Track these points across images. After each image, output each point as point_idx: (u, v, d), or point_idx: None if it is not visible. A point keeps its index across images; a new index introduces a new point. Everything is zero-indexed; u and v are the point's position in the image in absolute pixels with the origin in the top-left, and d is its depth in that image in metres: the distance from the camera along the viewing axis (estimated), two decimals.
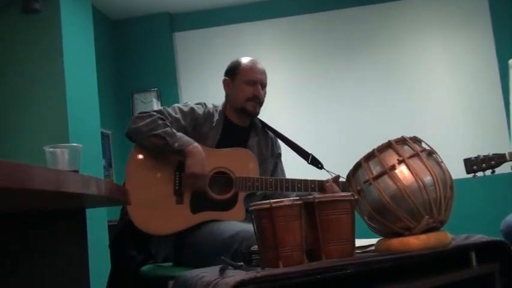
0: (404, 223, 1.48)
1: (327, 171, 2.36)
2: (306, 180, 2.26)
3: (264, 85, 2.40)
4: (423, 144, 1.62)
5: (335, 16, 5.30)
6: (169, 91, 5.27)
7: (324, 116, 5.14)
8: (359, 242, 1.62)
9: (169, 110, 2.30)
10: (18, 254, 1.21)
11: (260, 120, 2.51)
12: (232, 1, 5.37)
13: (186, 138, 2.17)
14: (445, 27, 5.17)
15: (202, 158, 2.15)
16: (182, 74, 5.33)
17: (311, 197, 1.50)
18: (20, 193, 0.82)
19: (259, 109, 2.40)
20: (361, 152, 1.63)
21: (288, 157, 2.57)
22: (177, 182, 2.20)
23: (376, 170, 1.54)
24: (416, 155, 1.53)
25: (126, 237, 2.20)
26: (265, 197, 2.42)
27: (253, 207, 1.49)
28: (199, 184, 2.17)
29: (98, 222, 3.49)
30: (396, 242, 1.49)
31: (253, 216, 1.51)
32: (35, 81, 3.51)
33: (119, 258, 2.30)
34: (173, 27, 5.49)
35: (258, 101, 2.36)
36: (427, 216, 1.47)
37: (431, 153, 1.58)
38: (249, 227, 2.00)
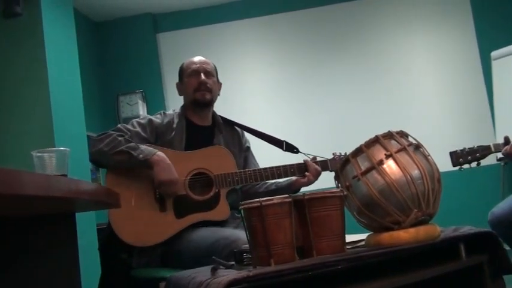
0: (394, 217, 1.50)
1: (304, 154, 2.39)
2: (284, 166, 2.30)
3: (207, 73, 2.38)
4: (410, 138, 1.63)
5: (320, 13, 5.33)
6: (154, 92, 5.26)
7: (311, 112, 5.16)
8: (349, 238, 1.63)
9: (128, 126, 2.29)
10: (8, 260, 1.21)
11: (222, 117, 2.49)
12: (216, 0, 5.36)
13: (149, 149, 2.17)
14: (427, 21, 5.22)
15: (168, 165, 2.14)
16: (167, 74, 5.32)
17: (301, 194, 1.52)
18: (11, 199, 0.82)
19: (210, 96, 2.37)
20: (349, 147, 1.65)
21: (262, 149, 2.58)
22: (157, 190, 2.19)
23: (364, 165, 1.56)
24: (403, 149, 1.55)
25: (116, 240, 2.19)
26: (243, 190, 2.43)
27: (242, 206, 1.50)
28: (172, 190, 2.17)
29: (87, 226, 3.47)
30: (386, 236, 1.51)
31: (243, 215, 1.51)
32: (19, 86, 3.47)
33: (110, 262, 2.29)
34: (156, 28, 5.47)
35: (205, 87, 2.35)
36: (415, 210, 1.48)
37: (418, 146, 1.59)
38: (230, 233, 2.01)
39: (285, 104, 5.20)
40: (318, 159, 2.36)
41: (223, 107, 2.59)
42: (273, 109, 5.15)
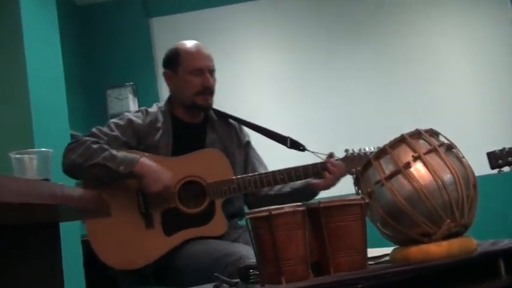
0: (423, 228, 1.49)
1: (312, 152, 2.33)
2: (288, 170, 2.24)
3: (212, 72, 2.35)
4: (441, 138, 1.63)
5: None
6: (147, 85, 5.27)
7: (324, 107, 5.14)
8: (372, 252, 1.63)
9: (104, 129, 2.26)
10: None
11: (216, 110, 2.45)
12: None
13: (129, 156, 2.14)
14: (458, 1, 5.19)
15: (156, 171, 2.13)
16: (161, 65, 5.31)
17: (316, 201, 1.51)
18: None
19: (212, 100, 2.35)
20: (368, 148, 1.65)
21: (264, 146, 2.55)
22: (141, 204, 2.18)
23: (388, 168, 1.55)
24: (433, 150, 1.54)
25: None
26: (245, 195, 2.41)
27: (249, 216, 1.50)
28: (167, 200, 2.16)
29: (71, 238, 3.48)
30: (414, 251, 1.50)
31: (249, 226, 1.51)
32: None
33: (96, 278, 2.30)
34: (149, 12, 5.48)
35: (209, 91, 2.32)
36: (448, 220, 1.48)
37: (450, 147, 1.59)
38: (235, 249, 2.01)
39: (292, 98, 5.18)
40: (335, 157, 2.29)
41: (220, 102, 2.58)
42: (278, 104, 5.13)
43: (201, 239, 2.19)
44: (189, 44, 2.39)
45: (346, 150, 2.31)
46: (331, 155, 2.30)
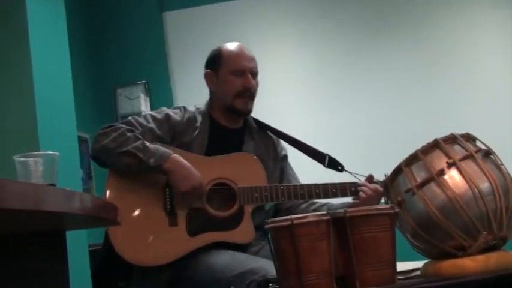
0: (457, 241, 1.48)
1: (350, 173, 2.36)
2: (325, 185, 2.26)
3: (254, 74, 2.39)
4: (478, 143, 1.62)
5: None
6: (159, 84, 5.29)
7: (349, 110, 5.10)
8: (401, 266, 1.62)
9: (140, 119, 2.30)
10: None
11: (255, 119, 2.50)
12: None
13: (162, 150, 2.17)
14: None
15: (187, 170, 2.15)
16: (175, 62, 5.34)
17: (341, 211, 1.51)
18: None
19: (252, 105, 2.39)
20: (398, 154, 1.63)
21: (296, 161, 2.57)
22: (168, 200, 2.20)
23: (420, 176, 1.55)
24: (470, 156, 1.53)
25: (112, 265, 2.21)
26: (277, 210, 2.43)
27: (269, 225, 1.50)
28: (194, 200, 2.18)
29: (77, 247, 3.50)
30: (447, 265, 1.49)
31: (269, 236, 1.51)
32: None
33: None
34: (162, 6, 5.49)
35: (250, 94, 2.35)
36: (485, 232, 1.47)
37: (488, 153, 1.58)
38: (260, 264, 2.00)
39: (315, 97, 5.13)
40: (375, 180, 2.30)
41: None
42: (299, 103, 5.09)
43: (224, 244, 2.20)
44: (233, 45, 2.44)
45: (386, 175, 2.31)
46: (370, 178, 2.31)
